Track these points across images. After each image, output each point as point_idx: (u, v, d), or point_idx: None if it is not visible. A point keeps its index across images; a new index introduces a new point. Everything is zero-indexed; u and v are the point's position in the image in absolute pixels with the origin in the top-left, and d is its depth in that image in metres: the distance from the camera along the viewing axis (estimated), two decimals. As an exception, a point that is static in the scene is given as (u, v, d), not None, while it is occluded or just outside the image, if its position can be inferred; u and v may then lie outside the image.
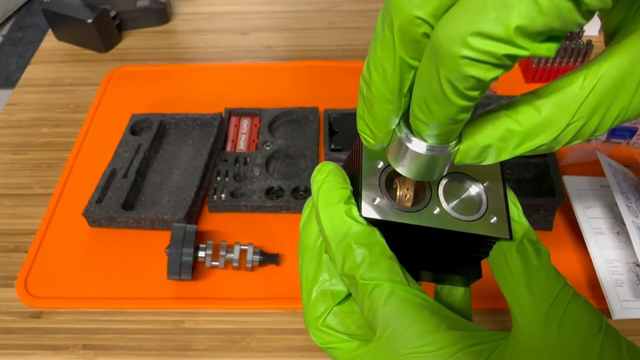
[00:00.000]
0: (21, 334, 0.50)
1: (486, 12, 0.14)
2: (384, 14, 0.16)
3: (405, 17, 0.15)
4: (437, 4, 0.15)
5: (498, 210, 0.23)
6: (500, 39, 0.14)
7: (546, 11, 0.13)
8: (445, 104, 0.16)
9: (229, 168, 0.61)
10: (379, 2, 0.87)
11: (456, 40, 0.14)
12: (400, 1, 0.15)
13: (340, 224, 0.22)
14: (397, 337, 0.21)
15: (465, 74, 0.15)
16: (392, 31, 0.16)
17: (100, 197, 0.57)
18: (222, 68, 0.76)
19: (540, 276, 0.22)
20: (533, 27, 0.14)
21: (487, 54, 0.14)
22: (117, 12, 0.80)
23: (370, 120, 0.19)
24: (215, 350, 0.49)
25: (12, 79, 1.77)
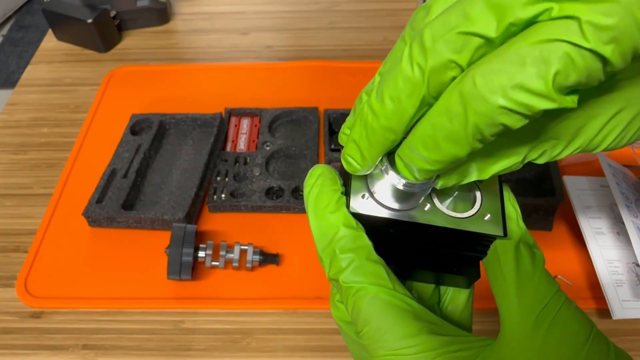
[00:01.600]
0: (21, 334, 0.50)
1: (526, 66, 0.14)
2: (415, 52, 0.16)
3: (441, 59, 0.16)
4: (474, 52, 0.16)
5: (493, 208, 0.23)
6: (540, 94, 0.15)
7: (580, 69, 0.14)
8: (461, 144, 0.17)
9: (229, 168, 0.61)
10: (378, 2, 0.87)
11: (497, 91, 0.15)
12: (438, 44, 0.16)
13: (327, 228, 0.22)
14: (377, 339, 0.21)
15: (497, 122, 0.16)
16: (423, 70, 0.16)
17: (100, 197, 0.57)
18: (222, 68, 0.76)
19: (532, 282, 0.22)
20: (566, 83, 0.14)
21: (524, 106, 0.15)
22: (117, 12, 0.80)
23: (366, 146, 0.19)
24: (215, 350, 0.49)
25: (12, 79, 1.77)
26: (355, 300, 0.21)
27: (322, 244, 0.23)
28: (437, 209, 0.22)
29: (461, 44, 0.16)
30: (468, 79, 0.16)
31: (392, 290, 0.21)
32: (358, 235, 0.22)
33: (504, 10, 0.15)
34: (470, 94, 0.15)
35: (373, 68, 0.75)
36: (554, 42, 0.14)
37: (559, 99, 0.15)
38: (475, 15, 0.15)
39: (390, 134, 0.18)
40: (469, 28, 0.15)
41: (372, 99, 0.18)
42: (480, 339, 0.22)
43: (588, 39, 0.14)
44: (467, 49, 0.16)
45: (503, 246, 0.23)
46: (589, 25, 0.13)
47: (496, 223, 0.22)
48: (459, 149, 0.17)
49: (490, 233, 0.22)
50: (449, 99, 0.16)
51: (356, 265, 0.22)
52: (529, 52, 0.14)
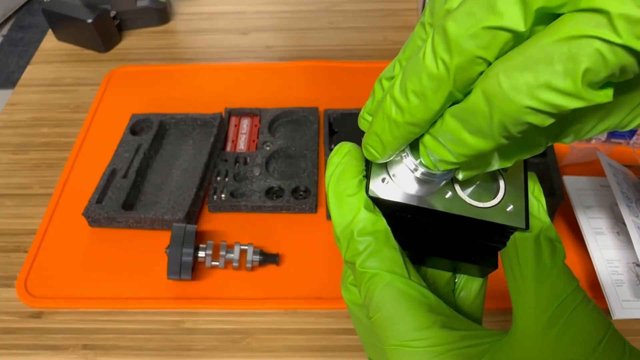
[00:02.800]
0: (21, 334, 0.50)
1: (553, 64, 0.14)
2: (439, 46, 0.16)
3: (467, 56, 0.15)
4: (502, 46, 0.15)
5: (516, 199, 0.22)
6: (569, 93, 0.14)
7: (611, 66, 0.13)
8: (487, 140, 0.16)
9: (229, 168, 0.61)
10: (378, 2, 0.87)
11: (522, 91, 0.14)
12: (464, 40, 0.15)
13: (348, 210, 0.22)
14: (389, 327, 0.21)
15: (524, 121, 0.15)
16: (448, 66, 0.16)
17: (100, 197, 0.57)
18: (222, 68, 0.76)
19: (550, 277, 0.21)
20: (597, 79, 0.14)
21: (552, 106, 0.14)
22: (117, 12, 0.80)
23: (388, 139, 0.19)
24: (215, 350, 0.49)
25: (12, 79, 1.77)
26: (370, 285, 0.21)
27: (341, 226, 0.22)
28: (458, 197, 0.22)
29: (489, 40, 0.15)
30: (492, 77, 0.15)
31: (407, 279, 0.21)
32: (377, 219, 0.22)
33: (531, 0, 0.14)
34: (494, 93, 0.15)
35: (373, 68, 0.75)
36: (583, 39, 0.13)
37: (589, 96, 0.14)
38: (502, 7, 0.14)
39: (414, 128, 0.18)
40: (496, 22, 0.14)
41: (395, 92, 0.18)
42: (492, 334, 0.21)
43: (620, 34, 0.13)
44: (495, 44, 0.15)
45: (523, 238, 0.22)
46: (621, 18, 0.13)
47: (518, 215, 0.22)
48: (484, 144, 0.17)
49: (511, 225, 0.22)
50: (474, 97, 0.16)
51: (373, 249, 0.21)
52: (556, 49, 0.14)
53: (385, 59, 0.76)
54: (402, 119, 0.18)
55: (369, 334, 0.23)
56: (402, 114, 0.18)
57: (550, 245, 0.22)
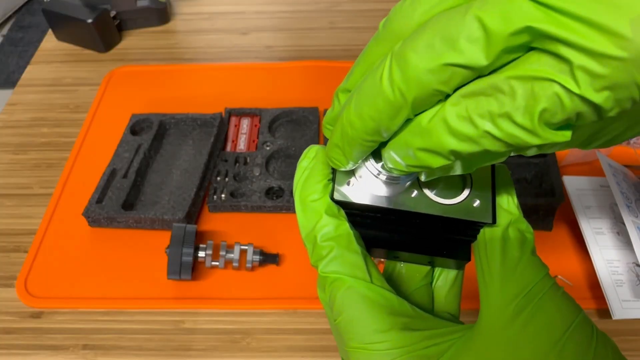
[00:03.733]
0: (21, 334, 0.50)
1: (516, 98, 0.14)
2: (397, 75, 0.16)
3: (426, 89, 0.15)
4: (461, 81, 0.15)
5: (483, 194, 0.22)
6: (525, 128, 0.14)
7: (568, 110, 0.14)
8: (436, 159, 0.17)
9: (229, 168, 0.61)
10: (378, 2, 0.87)
11: (485, 116, 0.15)
12: (423, 75, 0.15)
13: (311, 215, 0.22)
14: (349, 330, 0.21)
15: (480, 146, 0.15)
16: (406, 96, 0.16)
17: (100, 197, 0.57)
18: (222, 68, 0.76)
19: (517, 268, 0.21)
20: (553, 121, 0.14)
21: (510, 136, 0.15)
22: (117, 12, 0.80)
23: (348, 151, 0.19)
24: (215, 350, 0.49)
25: (12, 79, 1.77)
26: (332, 289, 0.22)
27: (306, 230, 0.23)
28: (424, 195, 0.22)
29: (449, 75, 0.15)
30: (452, 103, 0.15)
31: (368, 282, 0.21)
32: (340, 224, 0.22)
33: (494, 38, 0.14)
34: (453, 118, 0.15)
35: (373, 68, 0.74)
36: (545, 81, 0.14)
37: (545, 134, 0.14)
38: (463, 44, 0.14)
39: (371, 143, 0.18)
40: (457, 59, 0.14)
41: (351, 111, 0.18)
42: (457, 329, 0.21)
43: (579, 85, 0.13)
44: (455, 79, 0.15)
45: (491, 231, 0.22)
46: (581, 70, 0.13)
47: (485, 209, 0.22)
48: (435, 162, 0.17)
49: (478, 220, 0.22)
50: (432, 121, 0.16)
51: (335, 254, 0.22)
52: (519, 85, 0.14)
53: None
54: (358, 136, 0.18)
55: (336, 334, 0.23)
56: (358, 133, 0.18)
57: (519, 237, 0.22)
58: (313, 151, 0.24)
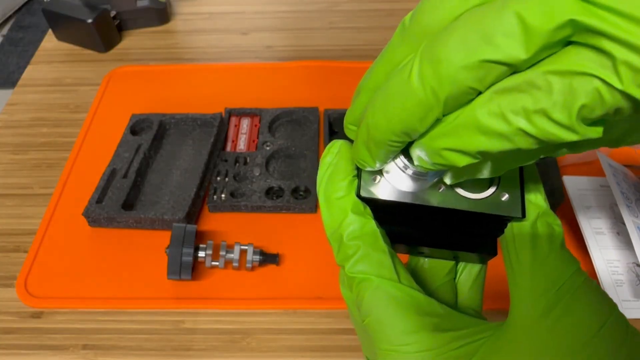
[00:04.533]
0: (21, 334, 0.50)
1: (552, 93, 0.14)
2: (428, 73, 0.15)
3: (460, 87, 0.15)
4: (497, 78, 0.15)
5: (511, 188, 0.22)
6: (562, 124, 0.14)
7: (607, 106, 0.13)
8: (463, 157, 0.17)
9: (229, 168, 0.61)
10: (378, 2, 0.87)
11: (520, 112, 0.14)
12: (457, 72, 0.15)
13: (337, 213, 0.22)
14: (378, 331, 0.21)
15: (513, 142, 0.15)
16: (438, 95, 0.15)
17: (100, 197, 0.57)
18: (222, 68, 0.76)
19: (547, 262, 0.20)
20: (591, 116, 0.14)
21: (544, 132, 0.14)
22: (117, 12, 0.80)
23: (375, 152, 0.19)
24: (215, 350, 0.49)
25: (12, 79, 1.77)
26: (360, 290, 0.21)
27: (331, 229, 0.22)
28: (451, 190, 0.21)
29: (484, 73, 0.14)
30: (486, 99, 0.15)
31: (396, 282, 0.21)
32: (366, 222, 0.22)
33: (534, 33, 0.13)
34: (492, 112, 0.15)
35: (373, 68, 0.74)
36: (585, 76, 0.13)
37: (581, 131, 0.14)
38: (501, 40, 0.14)
39: (398, 144, 0.18)
40: (494, 55, 0.14)
41: (376, 112, 0.17)
42: (487, 328, 0.21)
43: (622, 80, 0.13)
44: (490, 76, 0.14)
45: (519, 225, 0.22)
46: (625, 65, 0.13)
47: (514, 203, 0.21)
48: (461, 160, 0.17)
49: (508, 215, 0.21)
50: (464, 118, 0.16)
51: (362, 253, 0.21)
52: (557, 80, 0.14)
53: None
54: (387, 137, 0.18)
55: (363, 334, 0.22)
56: (386, 134, 0.18)
57: (548, 230, 0.21)
58: (336, 146, 0.23)
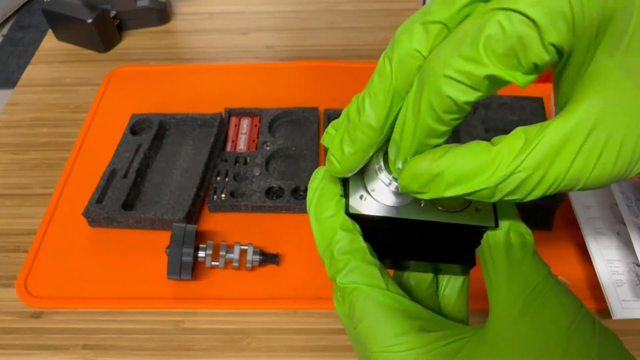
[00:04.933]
0: (21, 334, 0.50)
1: (466, 38, 0.16)
2: (388, 49, 0.18)
3: (405, 50, 0.18)
4: (434, 39, 0.17)
5: (483, 203, 0.24)
6: (474, 59, 0.16)
7: (509, 33, 0.15)
8: (420, 124, 0.18)
9: (229, 168, 0.61)
10: (378, 2, 0.87)
11: (440, 61, 0.17)
12: (403, 36, 0.18)
13: (327, 231, 0.24)
14: (370, 336, 0.22)
15: (444, 94, 0.17)
16: (391, 63, 0.18)
17: (100, 197, 0.57)
18: (222, 68, 0.76)
19: (521, 268, 0.22)
20: (499, 48, 0.15)
21: (463, 73, 0.16)
22: (117, 12, 0.80)
23: (348, 144, 0.21)
24: (215, 350, 0.49)
25: (12, 79, 1.77)
26: (351, 299, 0.23)
27: (322, 247, 0.24)
28: (431, 205, 0.24)
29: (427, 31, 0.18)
30: (425, 60, 0.17)
31: (384, 290, 0.23)
32: (355, 238, 0.24)
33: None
34: (422, 70, 0.17)
35: (373, 68, 0.74)
36: (490, 12, 0.15)
37: (496, 65, 0.16)
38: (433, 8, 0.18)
39: (370, 130, 0.20)
40: (428, 18, 0.18)
41: (358, 100, 0.21)
42: (470, 329, 0.23)
43: (517, 3, 0.15)
44: (429, 38, 0.18)
45: (494, 235, 0.24)
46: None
47: (487, 215, 0.24)
48: (419, 131, 0.18)
49: (481, 224, 0.24)
50: (412, 86, 0.18)
51: (352, 266, 0.23)
52: (471, 25, 0.16)
53: (385, 59, 0.76)
54: (358, 120, 0.20)
55: (358, 343, 0.24)
56: (359, 116, 0.20)
57: (520, 239, 0.23)
58: (321, 172, 0.25)
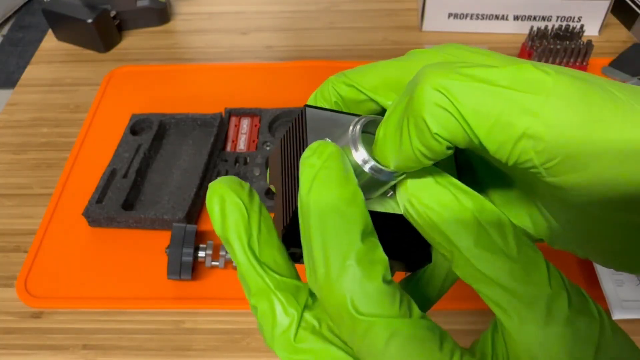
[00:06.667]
0: (21, 334, 0.50)
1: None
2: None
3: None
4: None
5: None
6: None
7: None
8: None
9: (229, 168, 0.61)
10: (378, 2, 0.87)
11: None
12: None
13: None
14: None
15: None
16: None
17: (100, 197, 0.57)
18: (222, 68, 0.76)
19: (515, 262, 0.15)
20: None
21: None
22: (117, 12, 0.80)
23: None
24: (215, 350, 0.49)
25: (12, 79, 1.77)
26: (369, 343, 0.15)
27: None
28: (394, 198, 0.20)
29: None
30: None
31: (410, 318, 0.16)
32: (373, 246, 0.16)
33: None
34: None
35: (373, 68, 0.75)
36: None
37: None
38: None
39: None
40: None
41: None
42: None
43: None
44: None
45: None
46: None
47: None
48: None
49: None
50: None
51: (366, 290, 0.15)
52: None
53: (385, 59, 0.76)
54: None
55: None
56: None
57: (497, 226, 0.17)
58: (328, 148, 0.22)
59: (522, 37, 0.76)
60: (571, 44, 0.70)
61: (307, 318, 0.18)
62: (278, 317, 0.18)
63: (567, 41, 0.71)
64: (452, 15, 0.79)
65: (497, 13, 0.78)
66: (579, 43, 0.70)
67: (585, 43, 0.70)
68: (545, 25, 0.74)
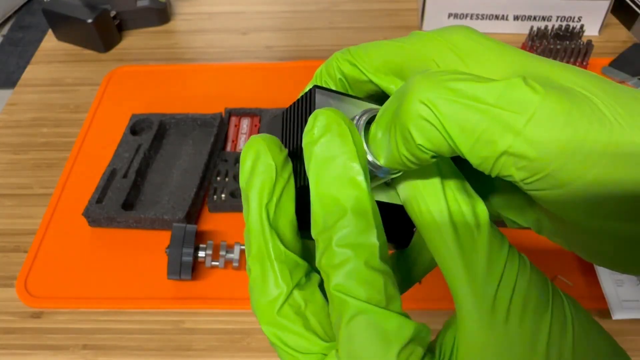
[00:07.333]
0: (21, 334, 0.50)
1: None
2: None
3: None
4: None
5: None
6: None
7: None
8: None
9: (229, 168, 0.61)
10: (378, 2, 0.87)
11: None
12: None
13: (333, 208, 0.17)
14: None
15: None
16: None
17: (100, 197, 0.57)
18: (222, 68, 0.76)
19: (479, 250, 0.16)
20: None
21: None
22: (117, 12, 0.80)
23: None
24: (215, 350, 0.49)
25: (12, 79, 1.77)
26: (340, 311, 0.16)
27: (319, 227, 0.17)
28: (385, 186, 0.20)
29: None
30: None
31: (383, 309, 0.16)
32: (366, 228, 0.17)
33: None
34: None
35: (373, 68, 0.75)
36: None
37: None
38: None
39: None
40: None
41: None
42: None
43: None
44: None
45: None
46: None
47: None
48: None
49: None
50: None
51: (351, 268, 0.16)
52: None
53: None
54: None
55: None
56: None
57: (471, 212, 0.18)
58: (335, 115, 0.22)
59: (522, 37, 0.76)
60: (571, 44, 0.70)
61: (296, 296, 0.18)
62: (269, 286, 0.18)
63: (567, 41, 0.71)
64: (452, 15, 0.79)
65: (497, 13, 0.78)
66: (579, 43, 0.70)
67: (585, 43, 0.70)
68: (545, 25, 0.74)
